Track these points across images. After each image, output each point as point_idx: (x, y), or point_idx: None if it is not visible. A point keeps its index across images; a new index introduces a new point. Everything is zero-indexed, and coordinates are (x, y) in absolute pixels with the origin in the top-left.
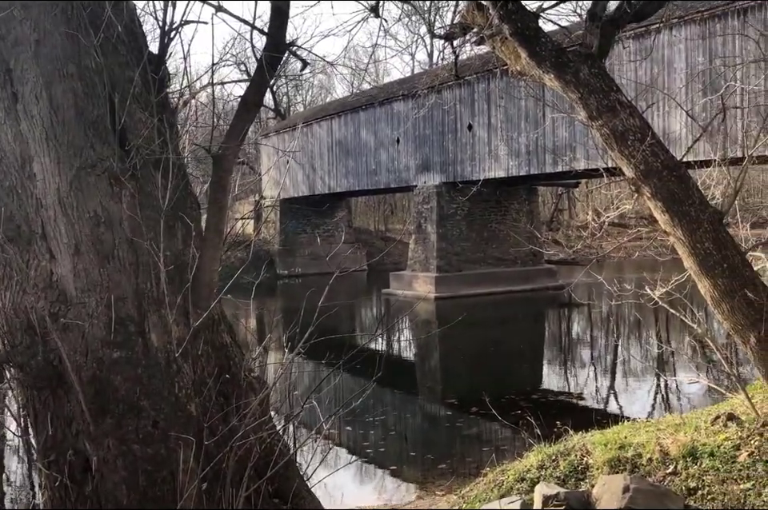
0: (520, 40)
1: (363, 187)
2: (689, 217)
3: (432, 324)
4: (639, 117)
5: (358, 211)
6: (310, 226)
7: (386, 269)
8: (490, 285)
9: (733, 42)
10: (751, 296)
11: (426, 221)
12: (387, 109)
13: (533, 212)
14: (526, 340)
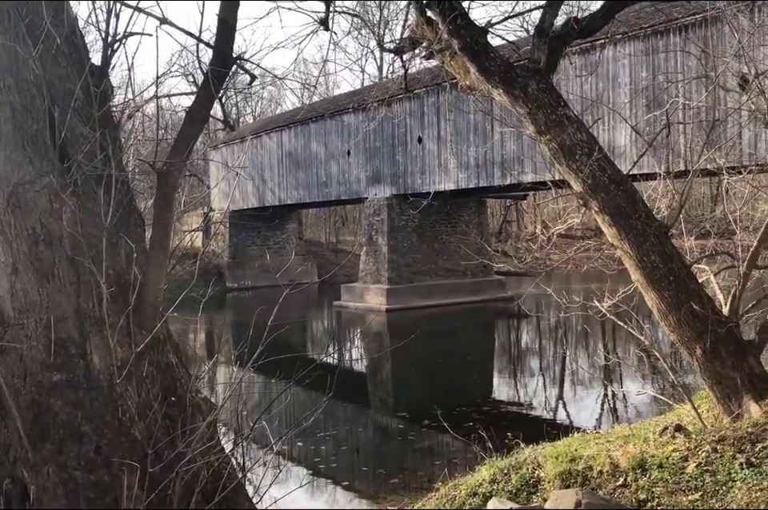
0: (469, 55)
1: (314, 199)
2: (636, 231)
3: (383, 336)
4: (586, 132)
5: (309, 223)
6: (259, 239)
7: (338, 281)
8: (440, 297)
9: (675, 59)
10: (697, 308)
11: (376, 233)
12: (338, 121)
13: (482, 223)
14: (476, 352)
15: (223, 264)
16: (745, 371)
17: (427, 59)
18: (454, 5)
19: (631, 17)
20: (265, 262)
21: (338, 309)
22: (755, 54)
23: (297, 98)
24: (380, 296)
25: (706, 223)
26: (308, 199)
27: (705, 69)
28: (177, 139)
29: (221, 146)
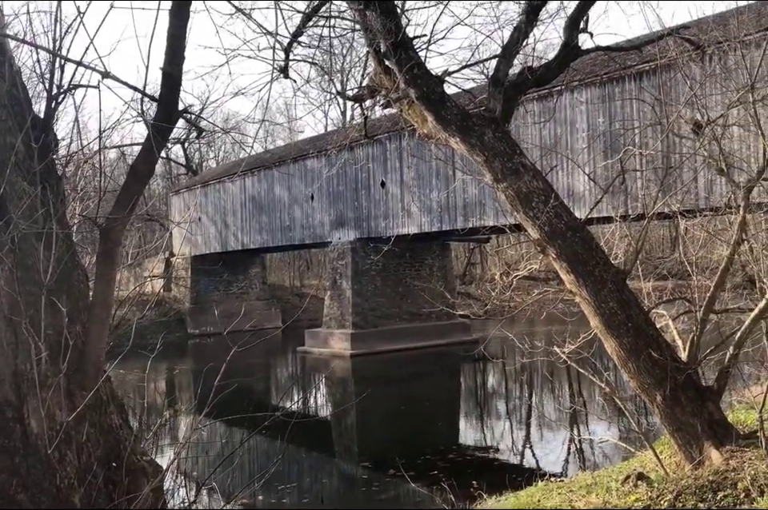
0: (426, 104)
1: (277, 243)
2: (593, 277)
3: (348, 381)
4: (542, 180)
5: (273, 267)
6: (222, 284)
7: (302, 326)
8: (405, 341)
9: (631, 105)
10: (656, 355)
11: (341, 277)
12: (301, 165)
13: (446, 266)
14: (442, 396)
15: (185, 310)
16: (704, 417)
17: (385, 108)
18: (410, 56)
19: (587, 65)
20: (227, 307)
21: (302, 355)
22: (707, 102)
23: (260, 143)
24: (344, 341)
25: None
26: (271, 243)
27: (658, 117)
28: (120, 194)
29: (183, 191)
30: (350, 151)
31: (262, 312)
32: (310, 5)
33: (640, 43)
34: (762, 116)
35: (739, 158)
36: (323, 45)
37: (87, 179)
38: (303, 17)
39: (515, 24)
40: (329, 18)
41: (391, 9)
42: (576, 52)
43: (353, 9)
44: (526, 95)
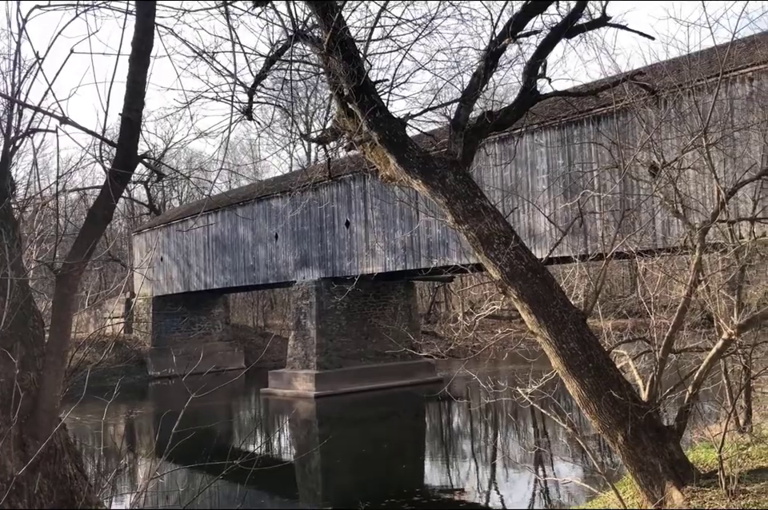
0: (388, 147)
1: (241, 283)
2: (554, 318)
3: (312, 423)
4: (503, 222)
5: (236, 307)
6: (184, 325)
7: (266, 367)
8: (370, 381)
9: (589, 147)
10: (616, 395)
11: (305, 317)
12: (265, 205)
13: (411, 306)
14: (407, 437)
15: (146, 352)
16: (666, 457)
17: (348, 150)
18: (372, 99)
19: (547, 108)
20: (190, 349)
21: (265, 397)
22: (663, 145)
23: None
24: (308, 382)
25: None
26: (235, 283)
27: (614, 159)
28: (77, 239)
29: (145, 231)
30: (315, 191)
31: (224, 354)
32: (273, 49)
33: (597, 88)
34: (716, 159)
35: (695, 200)
36: (287, 88)
37: (45, 222)
38: (267, 61)
39: (475, 70)
40: (292, 62)
41: (353, 54)
42: (535, 97)
43: (316, 53)
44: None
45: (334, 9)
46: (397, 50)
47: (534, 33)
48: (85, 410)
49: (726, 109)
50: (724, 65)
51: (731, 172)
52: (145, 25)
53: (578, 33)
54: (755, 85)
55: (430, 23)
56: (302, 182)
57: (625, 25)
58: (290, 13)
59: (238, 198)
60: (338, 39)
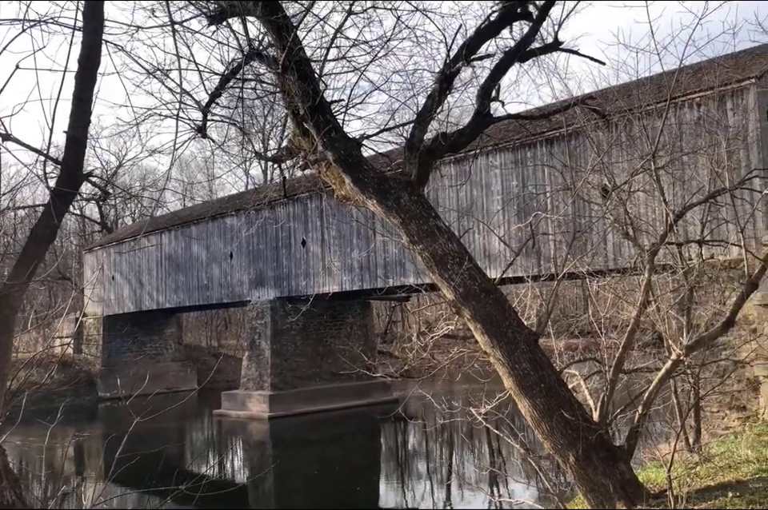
0: (343, 166)
1: (194, 302)
2: (506, 339)
3: (266, 445)
4: (457, 242)
5: (189, 327)
6: (136, 345)
7: (219, 388)
8: (325, 402)
9: (542, 169)
10: (568, 416)
11: (260, 337)
12: (220, 223)
13: (367, 325)
14: (362, 458)
15: (96, 373)
16: (616, 477)
17: (303, 170)
18: (328, 119)
19: (501, 130)
20: (141, 369)
21: (218, 418)
22: (613, 168)
23: (179, 201)
24: (262, 403)
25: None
26: (188, 303)
27: (566, 182)
28: (19, 259)
29: (96, 249)
30: (271, 210)
31: (176, 374)
32: (228, 68)
33: (549, 112)
34: (665, 182)
35: (645, 222)
36: (242, 107)
37: None
38: (221, 79)
39: (430, 91)
40: (246, 81)
41: (309, 73)
42: (488, 119)
43: (271, 72)
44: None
45: (289, 29)
46: (353, 71)
47: (487, 57)
48: (30, 433)
49: (675, 134)
50: (672, 91)
51: (680, 195)
52: (92, 42)
53: (530, 57)
54: (703, 111)
55: (385, 45)
56: (257, 201)
57: (576, 50)
58: (245, 32)
59: (193, 216)
60: (294, 59)
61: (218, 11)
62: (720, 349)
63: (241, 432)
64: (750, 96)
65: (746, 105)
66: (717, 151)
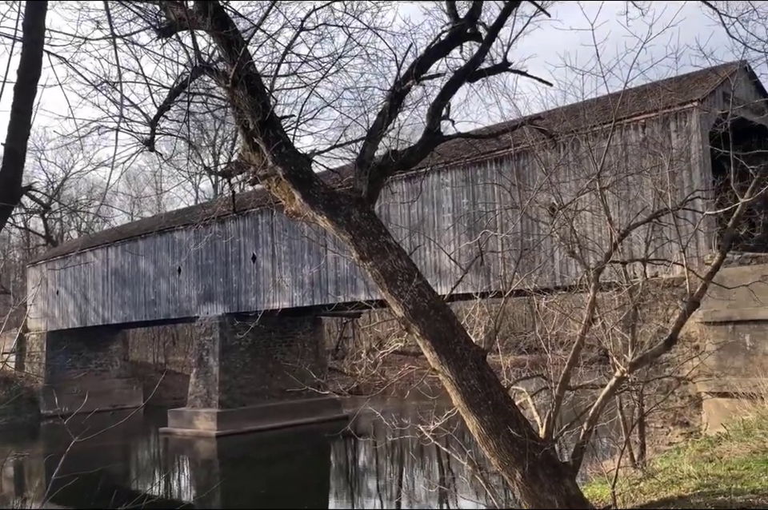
0: (293, 182)
1: (141, 318)
2: (455, 356)
3: (214, 464)
4: (407, 259)
5: (136, 343)
6: (80, 361)
7: (166, 405)
8: (275, 419)
9: (492, 187)
10: (514, 432)
11: (208, 354)
12: (168, 238)
13: (318, 342)
14: (311, 476)
15: (38, 390)
16: (562, 494)
17: (253, 185)
18: (278, 134)
19: (452, 148)
20: (85, 386)
21: (164, 436)
22: (560, 187)
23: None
24: (210, 421)
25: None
26: (134, 318)
27: (514, 200)
28: None
29: (40, 263)
30: (221, 224)
31: (122, 391)
32: (177, 81)
33: (498, 131)
34: (611, 202)
35: (591, 241)
36: (191, 120)
37: None
38: (170, 92)
39: (380, 109)
40: (195, 95)
41: (259, 88)
42: (439, 138)
43: (221, 86)
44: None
45: (239, 44)
46: (304, 87)
47: (437, 76)
48: None
49: (621, 155)
50: (618, 113)
51: (625, 214)
52: (32, 53)
53: (480, 77)
54: (647, 132)
55: (336, 62)
56: (206, 215)
57: (525, 71)
58: (196, 46)
59: (140, 230)
60: (243, 73)
61: (166, 24)
62: (663, 366)
63: (187, 451)
64: (693, 119)
65: (689, 128)
66: (660, 172)
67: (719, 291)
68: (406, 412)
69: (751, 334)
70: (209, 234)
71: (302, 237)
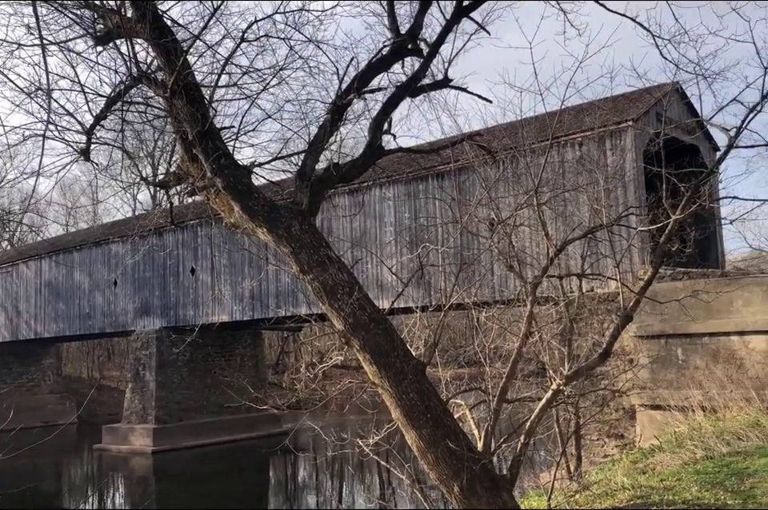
0: (233, 194)
1: (75, 332)
2: (395, 369)
3: (149, 481)
4: (348, 272)
5: (70, 357)
6: (10, 376)
7: (101, 421)
8: (213, 435)
9: (433, 202)
10: (452, 446)
11: (144, 368)
12: (104, 250)
13: (258, 356)
14: (250, 493)
15: None
16: (499, 506)
17: (191, 196)
18: (217, 145)
19: (394, 163)
20: (15, 401)
21: (99, 453)
22: (499, 202)
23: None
24: (146, 437)
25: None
26: (68, 332)
27: (454, 214)
28: None
29: None
30: (159, 236)
31: (54, 407)
32: (115, 90)
33: (439, 146)
34: (548, 217)
35: (529, 255)
36: (129, 130)
37: None
38: (108, 101)
39: (322, 122)
40: (133, 104)
41: (198, 99)
42: (380, 151)
43: (160, 96)
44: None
45: (178, 53)
46: (245, 98)
47: (379, 90)
48: None
49: (558, 171)
50: (555, 131)
51: (562, 230)
52: None
53: (421, 92)
54: (583, 150)
55: (278, 74)
56: (143, 227)
57: (465, 87)
58: (133, 54)
59: (75, 242)
60: (183, 83)
61: (104, 32)
62: (599, 379)
63: (122, 467)
64: (628, 137)
65: (624, 146)
66: (596, 189)
67: (652, 306)
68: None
69: (683, 348)
70: (145, 246)
71: (243, 250)
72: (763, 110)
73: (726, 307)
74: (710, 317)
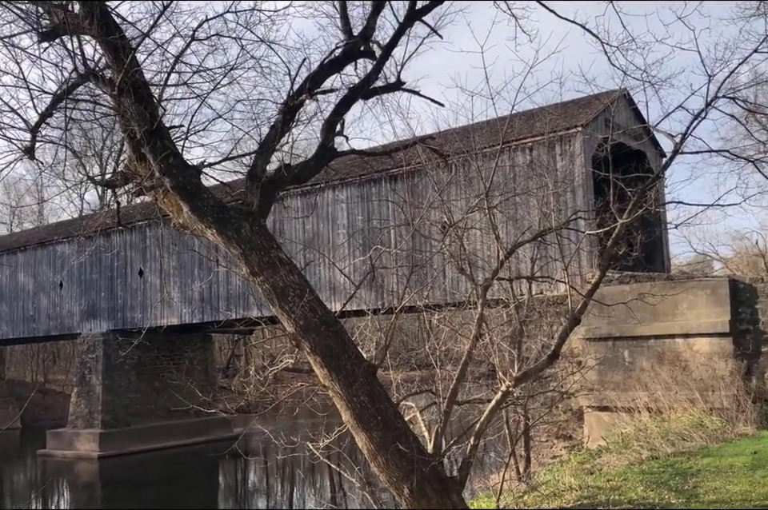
0: (181, 194)
1: (19, 335)
2: (345, 371)
3: (95, 487)
4: (298, 274)
5: (14, 361)
6: None
7: (46, 426)
8: (161, 440)
9: (387, 205)
10: (403, 448)
11: (90, 372)
12: (50, 251)
13: (207, 359)
14: (198, 498)
15: None
16: (448, 508)
17: (138, 196)
18: (166, 145)
19: (347, 165)
20: None
21: (43, 458)
22: (451, 205)
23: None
24: (92, 442)
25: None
26: (12, 335)
27: (406, 217)
28: None
29: None
30: (106, 237)
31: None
32: (61, 87)
33: (392, 149)
34: (499, 221)
35: (480, 258)
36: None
37: None
38: (54, 99)
39: (273, 122)
40: (81, 102)
41: (147, 97)
42: (332, 153)
43: (108, 94)
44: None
45: (126, 51)
46: (195, 98)
47: (331, 91)
48: None
49: (509, 176)
50: (506, 135)
51: (512, 233)
52: None
53: (374, 95)
54: (534, 155)
55: (229, 73)
56: (89, 227)
57: (418, 90)
58: (81, 51)
59: (19, 242)
60: (131, 81)
61: (50, 28)
62: (548, 381)
63: (67, 473)
64: (577, 143)
65: (573, 151)
66: (545, 193)
67: (600, 308)
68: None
69: (630, 350)
70: (92, 247)
71: (192, 252)
72: (707, 117)
73: (672, 310)
74: (656, 320)
